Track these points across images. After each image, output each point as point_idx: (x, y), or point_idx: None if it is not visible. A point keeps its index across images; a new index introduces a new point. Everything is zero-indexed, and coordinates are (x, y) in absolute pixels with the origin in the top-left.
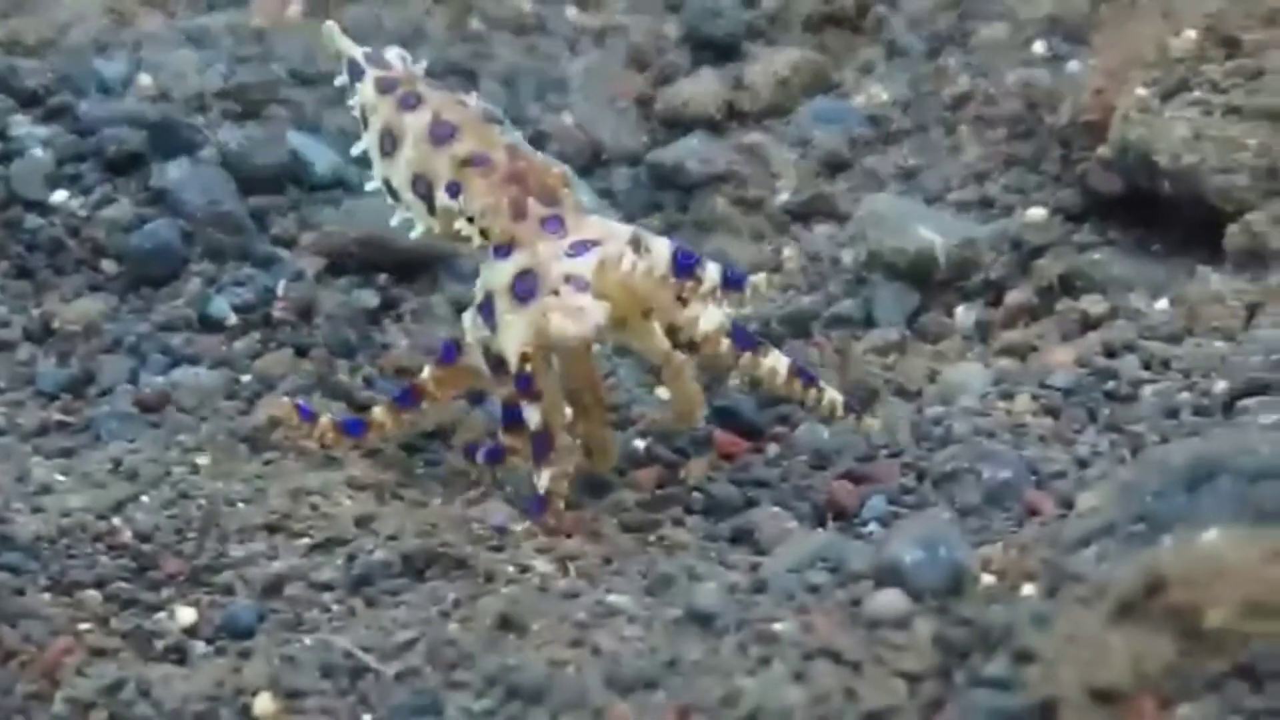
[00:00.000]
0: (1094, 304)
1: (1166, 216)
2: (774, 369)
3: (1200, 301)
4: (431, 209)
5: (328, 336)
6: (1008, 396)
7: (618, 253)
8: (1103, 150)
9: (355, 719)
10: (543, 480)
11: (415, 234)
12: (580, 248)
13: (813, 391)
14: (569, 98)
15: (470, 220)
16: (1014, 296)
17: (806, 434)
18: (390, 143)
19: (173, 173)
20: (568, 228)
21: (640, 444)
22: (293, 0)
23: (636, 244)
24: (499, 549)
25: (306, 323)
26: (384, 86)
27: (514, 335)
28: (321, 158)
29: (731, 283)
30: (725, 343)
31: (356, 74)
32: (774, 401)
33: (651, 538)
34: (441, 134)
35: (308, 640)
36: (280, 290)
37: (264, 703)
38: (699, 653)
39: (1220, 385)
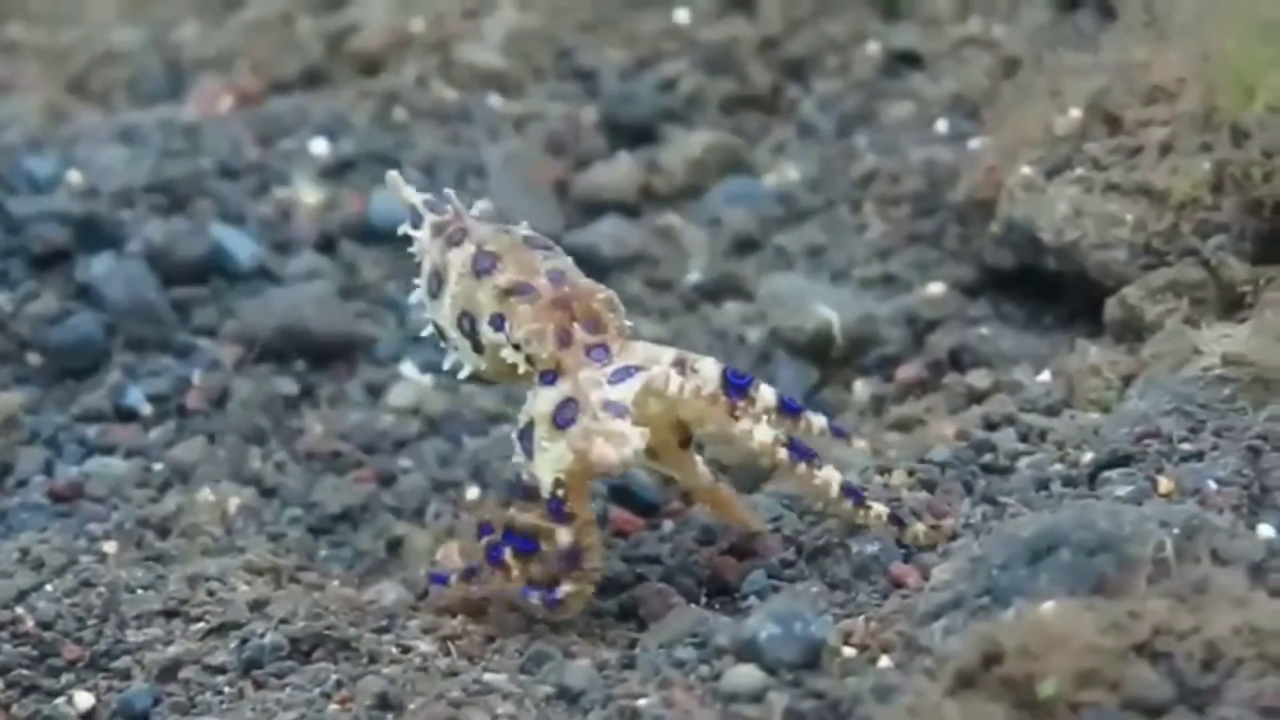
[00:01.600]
0: (979, 378)
1: (1054, 291)
2: (827, 483)
3: (1078, 374)
4: (477, 346)
5: (240, 423)
6: (885, 471)
7: (663, 376)
8: (995, 227)
9: None
10: (562, 591)
11: (464, 375)
12: (622, 374)
13: (860, 510)
14: (488, 183)
15: (516, 348)
16: (905, 371)
17: (699, 510)
18: (436, 283)
19: (96, 267)
20: (612, 355)
21: None
22: (225, 93)
23: (681, 366)
24: (385, 630)
25: (220, 410)
26: (437, 230)
27: (549, 461)
28: (243, 249)
29: (788, 410)
30: (782, 453)
31: (416, 222)
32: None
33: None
34: (483, 266)
35: None
36: (195, 379)
37: None
38: None
39: (1088, 457)
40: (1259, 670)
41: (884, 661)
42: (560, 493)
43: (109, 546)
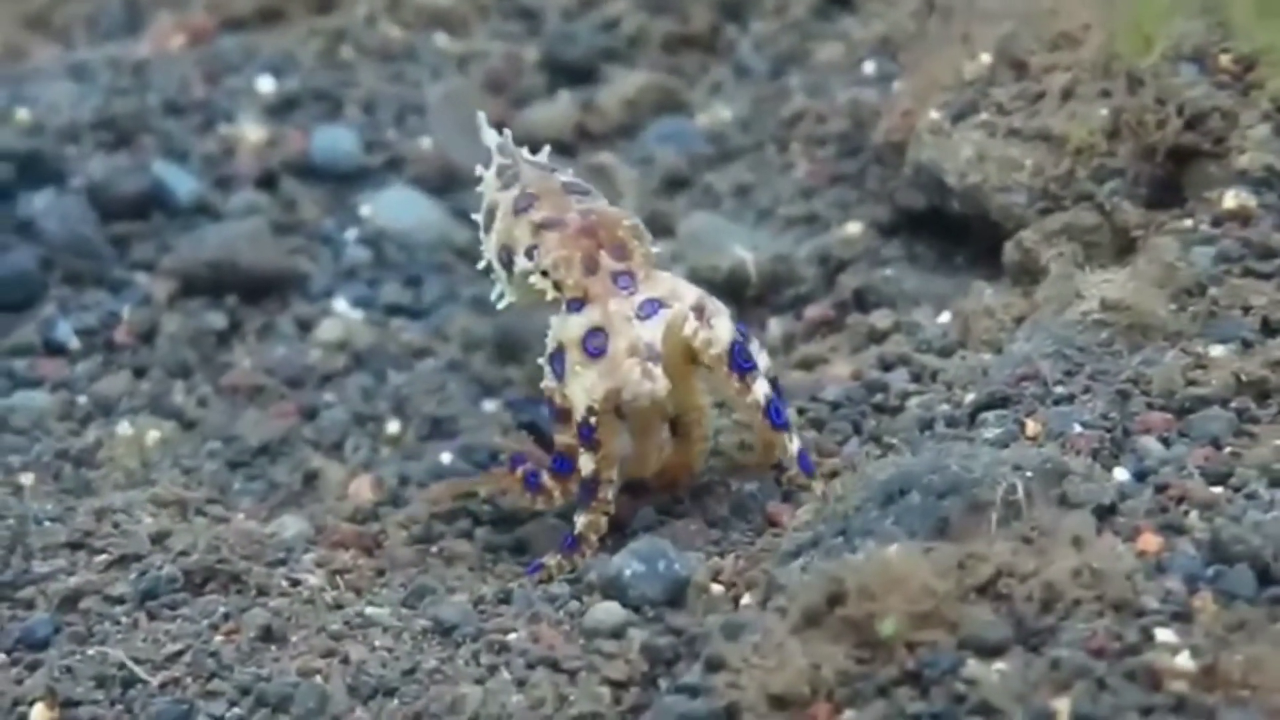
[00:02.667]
0: (882, 318)
1: (963, 233)
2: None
3: (973, 315)
4: (511, 277)
5: (166, 358)
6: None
7: (681, 317)
8: (906, 169)
9: None
10: (579, 523)
11: (502, 305)
12: (649, 307)
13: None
14: (427, 122)
15: (544, 274)
16: (813, 311)
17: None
18: (489, 219)
19: (37, 203)
20: (638, 283)
21: (445, 458)
22: (178, 31)
23: (700, 311)
24: (280, 563)
25: (149, 345)
26: (500, 172)
27: (583, 387)
28: (184, 185)
29: (771, 415)
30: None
31: (486, 161)
32: None
33: (434, 549)
34: (522, 205)
35: (90, 652)
36: (125, 314)
37: (39, 712)
38: (436, 662)
39: (970, 397)
40: (1095, 612)
41: (746, 599)
42: (592, 420)
43: (26, 479)
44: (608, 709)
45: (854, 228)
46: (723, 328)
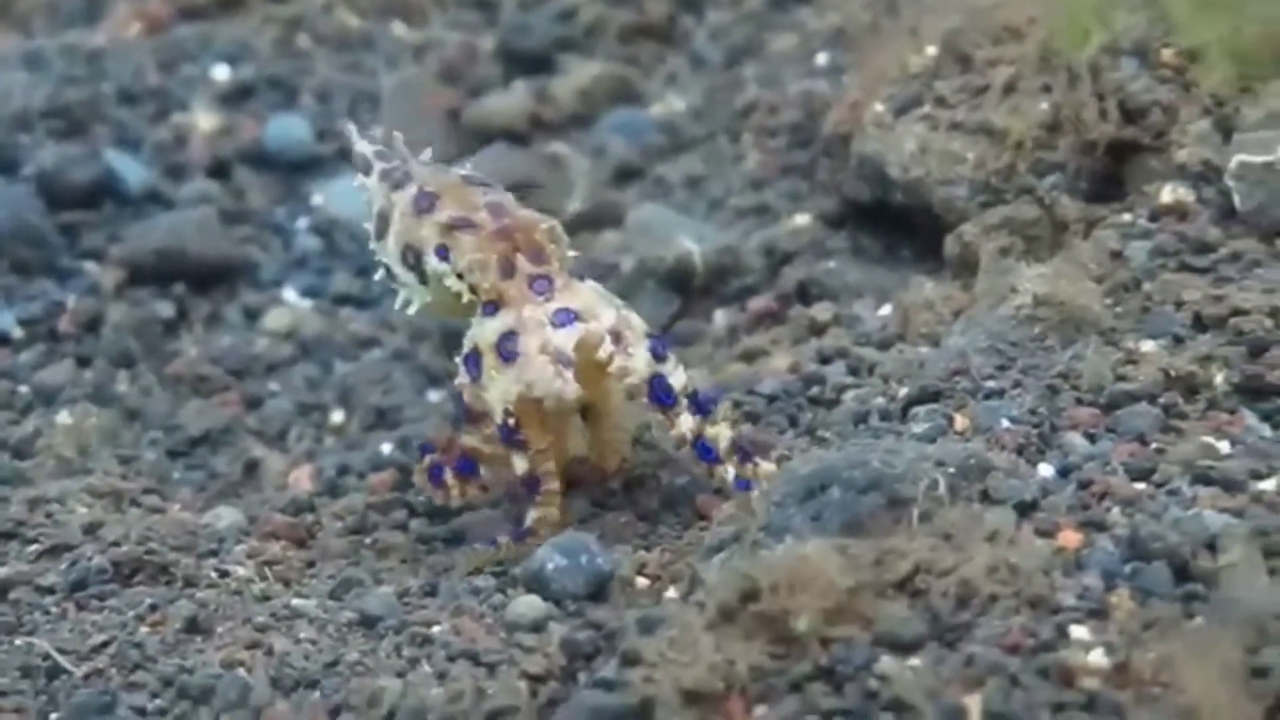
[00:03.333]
0: (822, 311)
1: (908, 226)
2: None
3: (913, 308)
4: (423, 279)
5: (110, 347)
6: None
7: (597, 338)
8: (851, 161)
9: (44, 716)
10: (530, 518)
11: (412, 310)
12: (564, 316)
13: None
14: (380, 111)
15: (460, 277)
16: (756, 303)
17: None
18: (383, 224)
19: None
20: (555, 290)
21: (386, 448)
22: (135, 19)
23: (618, 337)
24: (211, 554)
25: (93, 334)
26: (385, 176)
27: (497, 390)
28: (134, 174)
29: (700, 451)
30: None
31: (365, 170)
32: None
33: (368, 540)
34: (423, 205)
35: (17, 642)
36: (69, 304)
37: None
38: (359, 654)
39: (904, 391)
40: (1011, 608)
41: (670, 593)
42: (511, 421)
43: None
44: (525, 703)
45: (802, 219)
46: (640, 359)
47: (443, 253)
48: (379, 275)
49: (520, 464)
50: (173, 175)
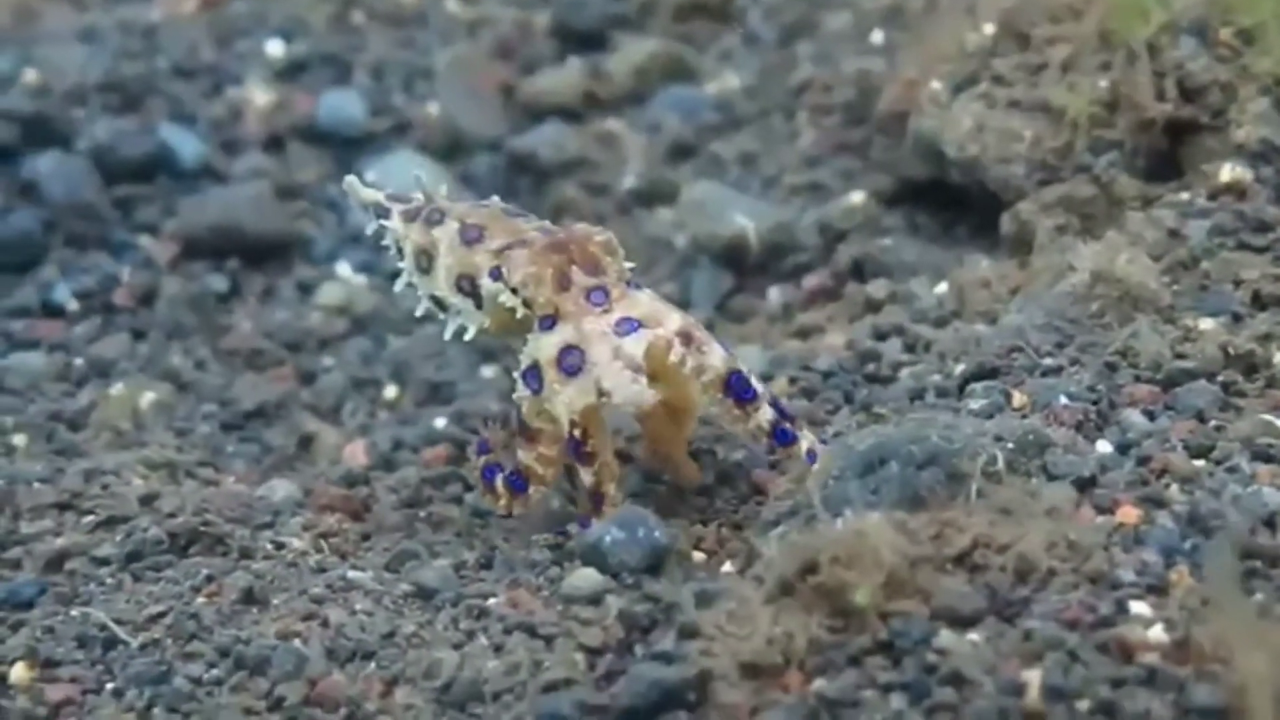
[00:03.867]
0: (879, 288)
1: (964, 204)
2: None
3: (969, 286)
4: (479, 304)
5: (165, 321)
6: (767, 379)
7: (665, 344)
8: (908, 140)
9: (100, 686)
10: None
11: (468, 336)
12: (628, 324)
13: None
14: (434, 87)
15: (514, 292)
16: (811, 280)
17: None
18: (426, 260)
19: (41, 165)
20: (612, 299)
21: (440, 422)
22: None
23: (688, 338)
24: (266, 526)
25: (148, 308)
26: (410, 216)
27: (562, 404)
28: (190, 148)
29: (780, 437)
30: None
31: (383, 214)
32: None
33: (422, 514)
34: (471, 236)
35: (73, 613)
36: (125, 277)
37: (19, 671)
38: (415, 626)
39: (960, 368)
40: (1070, 584)
41: (727, 567)
42: (578, 434)
43: (18, 439)
44: (582, 675)
45: (857, 197)
46: (715, 354)
47: (496, 273)
48: (423, 309)
49: (587, 477)
50: (227, 150)
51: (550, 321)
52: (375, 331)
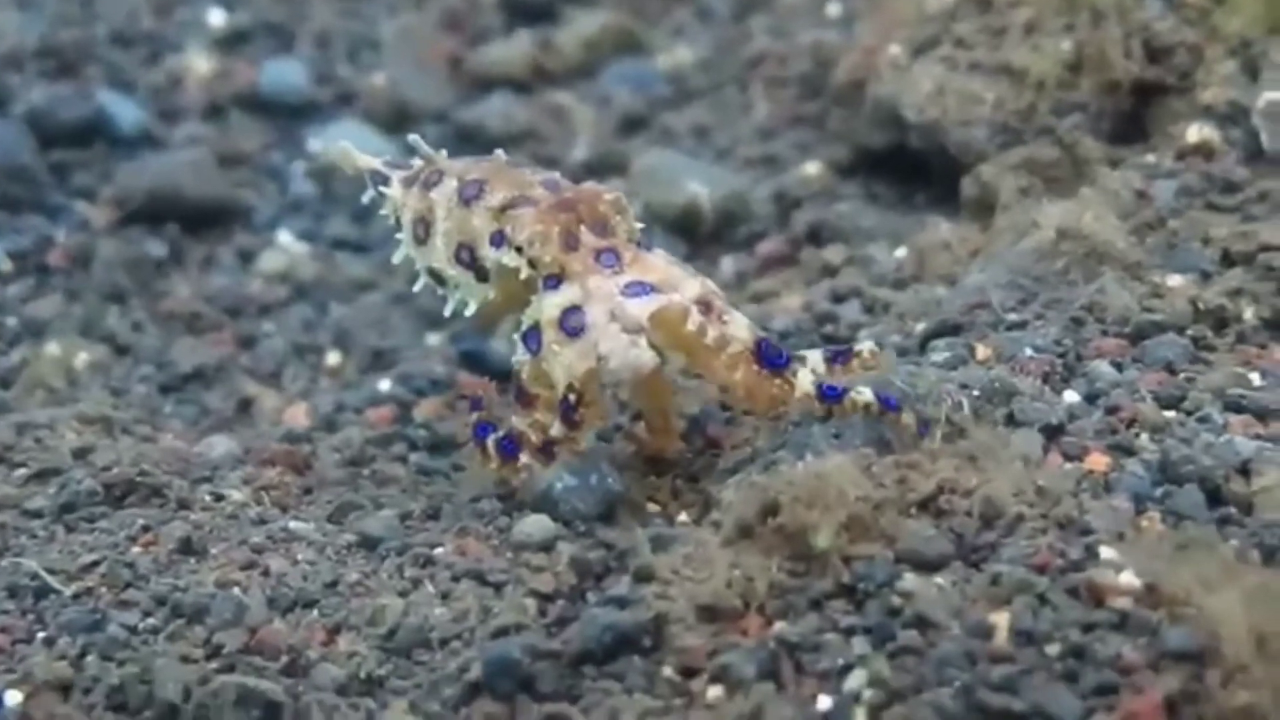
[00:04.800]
0: (835, 253)
1: (924, 171)
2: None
3: (929, 249)
4: (481, 276)
5: (101, 283)
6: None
7: (680, 311)
8: (866, 106)
9: (30, 635)
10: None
11: (469, 311)
12: (638, 288)
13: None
14: (380, 58)
15: (519, 251)
16: (766, 246)
17: None
18: (424, 229)
19: None
20: (623, 261)
21: (384, 385)
22: None
23: (708, 306)
24: (205, 480)
25: (84, 270)
26: (409, 182)
27: (561, 366)
28: (128, 114)
29: (828, 394)
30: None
31: (381, 181)
32: None
33: (366, 471)
34: (470, 193)
35: (3, 563)
36: (60, 238)
37: None
38: (359, 574)
39: (921, 326)
40: (1038, 529)
41: (682, 517)
42: (572, 397)
43: None
44: (533, 620)
45: (812, 168)
46: (740, 323)
47: (498, 239)
48: (420, 284)
49: (557, 429)
50: (167, 118)
51: (555, 281)
52: (318, 299)
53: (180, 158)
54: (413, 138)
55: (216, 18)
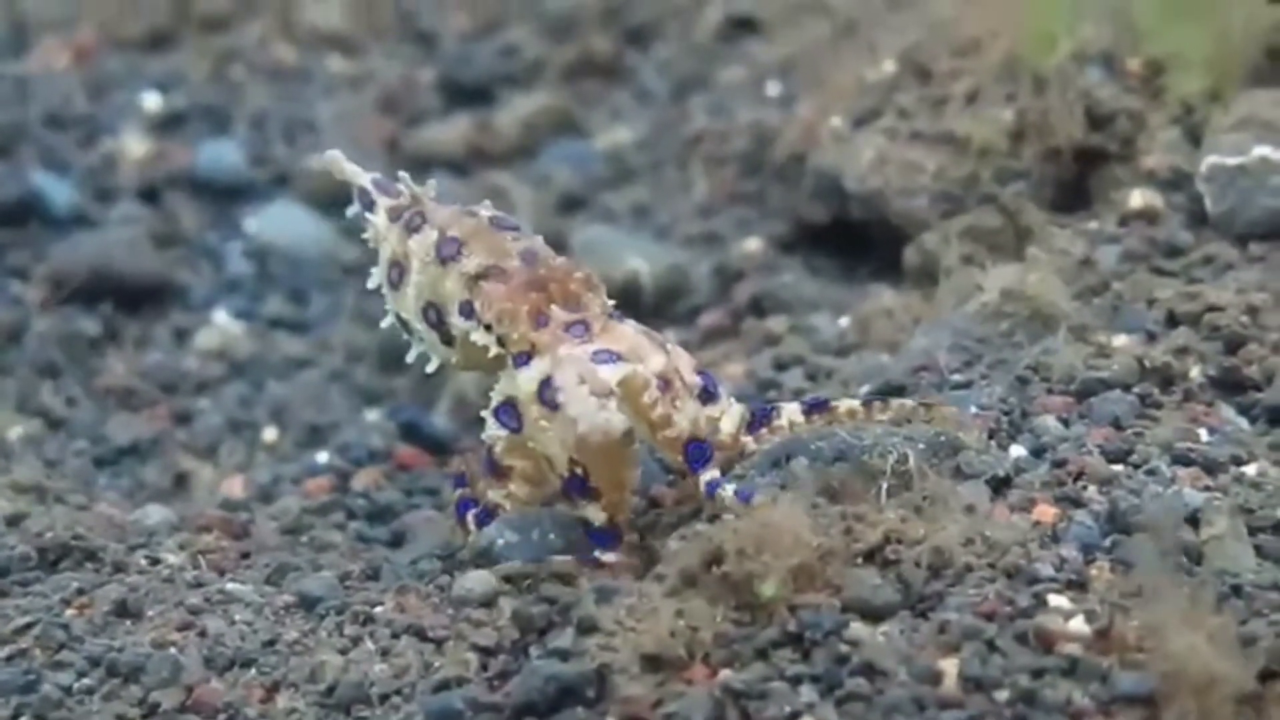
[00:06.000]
0: (778, 323)
1: (865, 244)
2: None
3: (872, 317)
4: (446, 339)
5: (35, 358)
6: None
7: (643, 380)
8: (806, 179)
9: None
10: (606, 559)
11: (431, 368)
12: (606, 355)
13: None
14: (317, 140)
15: (488, 329)
16: (707, 319)
17: None
18: (398, 274)
19: None
20: (593, 332)
21: (322, 457)
22: (64, 50)
23: (667, 383)
24: (141, 546)
25: (16, 345)
26: (394, 214)
27: (554, 441)
28: (62, 195)
29: (709, 490)
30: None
31: (367, 204)
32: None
33: (304, 538)
34: (448, 252)
35: None
36: None
37: None
38: (298, 633)
39: (864, 389)
40: (986, 578)
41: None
42: (579, 471)
43: None
44: (474, 674)
45: (753, 244)
46: (685, 414)
47: (468, 310)
48: (387, 323)
49: (596, 515)
50: (101, 199)
51: (526, 358)
52: (254, 376)
53: (116, 236)
54: (401, 175)
55: (151, 101)
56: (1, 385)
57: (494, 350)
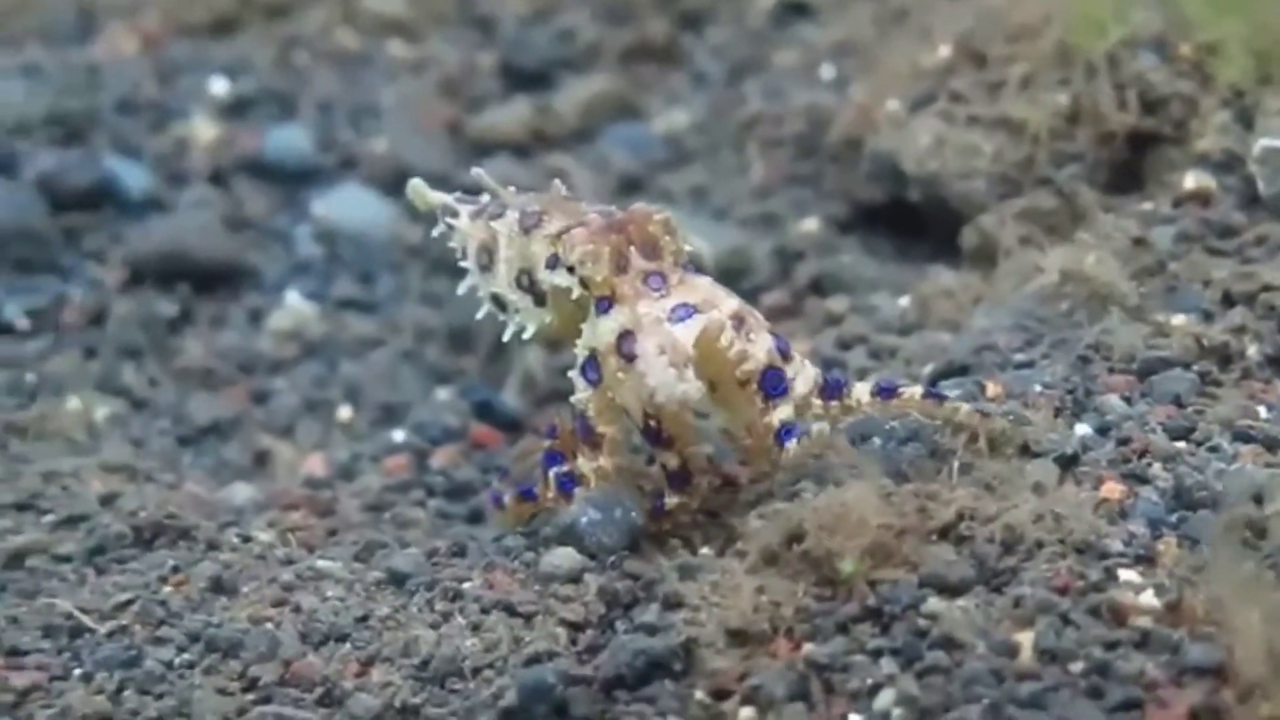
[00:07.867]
0: (838, 303)
1: (922, 225)
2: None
3: (932, 297)
4: (539, 299)
5: (116, 339)
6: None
7: (718, 325)
8: (863, 162)
9: (67, 672)
10: (667, 501)
11: (528, 335)
12: (683, 311)
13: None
14: (381, 124)
15: (571, 271)
16: (770, 298)
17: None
18: (487, 256)
19: None
20: (669, 283)
21: (399, 435)
22: (131, 36)
23: (740, 322)
24: (231, 523)
25: (98, 327)
26: (476, 215)
27: (630, 392)
28: (135, 179)
29: (781, 438)
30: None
31: (451, 215)
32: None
33: (387, 515)
34: (530, 222)
35: (38, 603)
36: (75, 298)
37: None
38: (389, 609)
39: (928, 369)
40: (1057, 554)
41: (704, 550)
42: (653, 423)
43: None
44: (564, 648)
45: (810, 224)
46: (760, 346)
47: (553, 260)
48: (484, 311)
49: (671, 460)
50: (173, 183)
51: (607, 304)
52: (327, 356)
53: (188, 219)
54: (476, 170)
55: (219, 87)
56: (86, 367)
57: (577, 292)
